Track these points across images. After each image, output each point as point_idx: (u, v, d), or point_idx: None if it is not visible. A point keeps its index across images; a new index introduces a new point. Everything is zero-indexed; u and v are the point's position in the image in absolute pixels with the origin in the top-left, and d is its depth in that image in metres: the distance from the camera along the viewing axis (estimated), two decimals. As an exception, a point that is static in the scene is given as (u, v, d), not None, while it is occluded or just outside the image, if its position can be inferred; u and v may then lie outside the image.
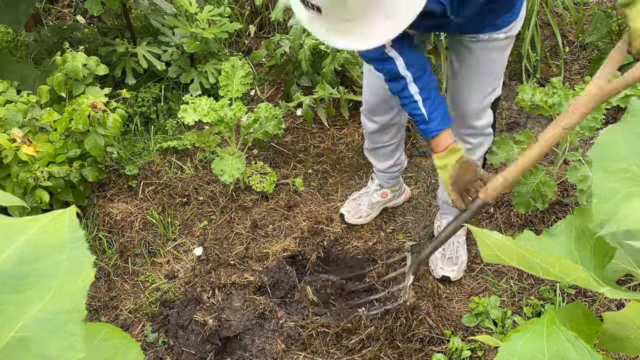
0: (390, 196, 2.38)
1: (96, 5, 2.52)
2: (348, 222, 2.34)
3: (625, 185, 0.72)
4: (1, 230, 0.51)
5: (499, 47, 1.78)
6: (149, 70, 2.91)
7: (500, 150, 2.14)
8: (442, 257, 2.17)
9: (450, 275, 2.13)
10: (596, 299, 2.07)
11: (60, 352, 0.42)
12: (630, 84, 1.27)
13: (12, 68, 2.67)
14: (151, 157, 2.65)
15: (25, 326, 0.44)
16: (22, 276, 0.47)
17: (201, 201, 2.46)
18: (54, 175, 2.16)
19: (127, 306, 2.10)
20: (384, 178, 2.32)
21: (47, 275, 0.47)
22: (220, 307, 1.99)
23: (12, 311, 0.45)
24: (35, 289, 0.46)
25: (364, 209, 2.36)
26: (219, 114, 2.21)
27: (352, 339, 1.92)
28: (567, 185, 2.41)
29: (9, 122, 2.19)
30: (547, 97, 2.00)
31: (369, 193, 2.38)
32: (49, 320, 0.44)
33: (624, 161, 0.74)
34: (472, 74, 1.84)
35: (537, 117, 2.83)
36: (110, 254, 2.27)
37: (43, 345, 0.43)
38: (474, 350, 1.91)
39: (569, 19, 3.45)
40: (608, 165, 0.75)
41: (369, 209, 2.36)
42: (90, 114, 2.17)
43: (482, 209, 1.60)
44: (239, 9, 3.41)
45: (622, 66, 2.98)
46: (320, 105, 2.74)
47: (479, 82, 1.85)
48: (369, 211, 2.37)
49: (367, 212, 2.36)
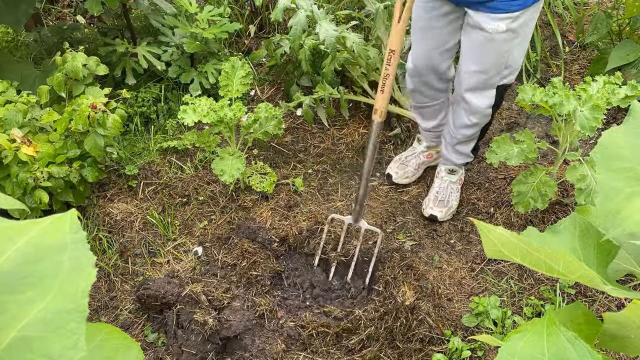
0: (435, 156, 2.50)
1: (96, 5, 2.52)
2: (396, 182, 2.48)
3: (628, 184, 0.72)
4: (2, 232, 0.51)
5: (499, 39, 1.86)
6: (149, 70, 2.91)
7: (500, 150, 2.14)
8: (434, 199, 2.34)
9: (438, 215, 2.29)
10: (596, 299, 2.07)
11: (63, 351, 0.42)
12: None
13: (12, 68, 2.67)
14: (151, 157, 2.65)
15: (27, 326, 0.44)
16: (23, 277, 0.48)
17: (201, 201, 2.46)
18: (54, 176, 2.16)
19: (127, 306, 2.10)
20: (429, 137, 2.46)
21: (48, 276, 0.47)
22: (220, 307, 1.99)
23: (14, 311, 0.45)
24: (36, 289, 0.46)
25: (410, 170, 2.49)
26: (219, 114, 2.21)
27: (352, 339, 1.92)
28: (567, 185, 2.42)
29: (9, 122, 2.19)
30: (548, 97, 2.00)
31: (415, 154, 2.51)
32: (51, 319, 0.44)
33: (627, 160, 0.74)
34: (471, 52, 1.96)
35: (537, 117, 2.84)
36: (110, 254, 2.27)
37: (45, 345, 0.43)
38: (474, 350, 1.91)
39: (569, 19, 3.45)
40: (611, 164, 0.75)
41: (415, 170, 2.50)
42: (90, 114, 2.17)
43: (379, 128, 1.89)
44: (239, 9, 3.41)
45: (622, 66, 2.97)
46: (320, 105, 2.74)
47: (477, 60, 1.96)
48: (415, 172, 2.51)
49: (413, 173, 2.50)
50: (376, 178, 2.58)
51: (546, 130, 2.77)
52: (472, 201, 2.44)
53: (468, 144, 2.28)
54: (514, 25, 1.82)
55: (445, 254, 2.25)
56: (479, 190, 2.49)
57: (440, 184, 2.38)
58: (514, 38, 1.87)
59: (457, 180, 2.40)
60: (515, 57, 1.96)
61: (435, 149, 2.50)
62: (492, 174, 2.56)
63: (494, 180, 2.53)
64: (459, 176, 2.40)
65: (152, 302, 2.01)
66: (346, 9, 3.06)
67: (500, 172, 2.57)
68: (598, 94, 1.97)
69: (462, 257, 2.24)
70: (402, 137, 2.74)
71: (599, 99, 1.94)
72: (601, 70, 2.81)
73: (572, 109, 1.94)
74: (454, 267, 2.19)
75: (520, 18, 1.81)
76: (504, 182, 2.51)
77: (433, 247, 2.27)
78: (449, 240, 2.30)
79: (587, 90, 1.99)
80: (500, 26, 1.82)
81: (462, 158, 2.33)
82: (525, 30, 1.88)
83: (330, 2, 3.25)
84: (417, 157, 2.51)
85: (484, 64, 1.96)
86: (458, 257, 2.23)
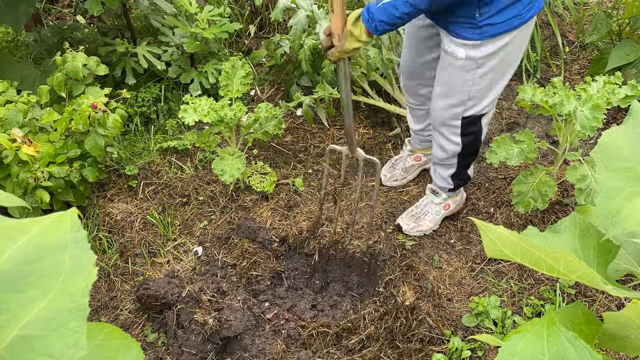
0: (425, 159, 2.52)
1: (96, 5, 2.52)
2: (385, 184, 2.53)
3: (628, 184, 0.72)
4: (2, 231, 0.52)
5: (457, 66, 1.83)
6: (149, 70, 2.91)
7: (500, 150, 2.14)
8: (408, 212, 2.34)
9: (403, 227, 2.30)
10: (596, 299, 2.07)
11: (64, 349, 0.42)
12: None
13: (12, 68, 2.67)
14: (151, 157, 2.65)
15: (28, 324, 0.44)
16: (24, 276, 0.48)
17: (201, 201, 2.46)
18: (54, 176, 2.16)
19: (127, 306, 2.10)
20: (415, 139, 2.47)
21: (49, 275, 0.47)
22: (220, 307, 1.99)
23: (15, 310, 0.45)
24: (37, 288, 0.46)
25: (398, 173, 2.53)
26: (219, 114, 2.21)
27: (352, 339, 1.92)
28: (567, 185, 2.42)
29: (9, 122, 2.19)
30: (548, 97, 2.00)
31: (402, 157, 2.56)
32: (52, 318, 0.44)
33: (627, 160, 0.74)
34: (438, 72, 1.95)
35: (537, 117, 2.84)
36: (110, 254, 2.27)
37: (46, 344, 0.43)
38: (474, 350, 1.91)
39: (569, 19, 3.45)
40: (612, 164, 0.75)
41: (403, 173, 2.53)
42: (90, 114, 2.17)
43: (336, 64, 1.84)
44: (239, 9, 3.41)
45: (622, 66, 2.97)
46: (320, 105, 2.74)
47: (440, 82, 1.95)
48: (404, 174, 2.54)
49: (402, 176, 2.53)
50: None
51: (546, 130, 2.78)
52: (472, 201, 2.44)
53: (445, 169, 2.17)
54: (473, 54, 1.76)
55: (445, 253, 2.25)
56: (479, 190, 2.49)
57: (422, 200, 2.34)
58: (476, 68, 1.80)
59: (439, 202, 2.29)
60: (482, 89, 1.86)
61: (423, 151, 2.49)
62: (492, 174, 2.56)
63: (494, 180, 2.54)
64: (441, 199, 2.28)
65: (152, 302, 2.01)
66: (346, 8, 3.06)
67: (500, 172, 2.57)
68: (598, 94, 1.97)
69: (462, 257, 2.24)
70: (402, 137, 2.74)
71: (599, 99, 1.94)
72: (601, 70, 2.81)
73: (572, 109, 1.94)
74: (454, 267, 2.19)
75: (482, 48, 1.75)
76: (504, 182, 2.51)
77: (433, 247, 2.27)
78: (449, 240, 2.30)
79: (587, 90, 1.99)
80: (459, 51, 1.78)
81: (442, 181, 2.23)
82: (491, 63, 1.79)
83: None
84: (404, 160, 2.54)
85: (445, 87, 1.92)
86: (458, 257, 2.23)
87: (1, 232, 0.51)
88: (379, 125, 2.86)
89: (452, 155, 2.09)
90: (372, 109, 2.87)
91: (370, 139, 2.79)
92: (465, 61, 1.80)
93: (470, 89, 1.86)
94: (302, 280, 2.19)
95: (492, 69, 1.82)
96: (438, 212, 2.30)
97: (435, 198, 2.29)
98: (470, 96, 1.89)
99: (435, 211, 2.30)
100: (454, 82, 1.87)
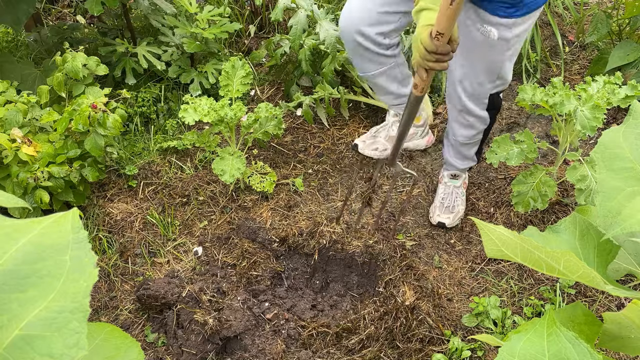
0: (412, 131, 2.32)
1: (96, 5, 2.52)
2: (362, 152, 2.28)
3: (628, 184, 0.73)
4: (4, 231, 0.52)
5: (489, 46, 1.82)
6: (149, 70, 2.91)
7: (500, 150, 2.14)
8: (440, 206, 2.30)
9: (446, 222, 2.26)
10: (596, 299, 2.07)
11: (64, 350, 0.42)
12: None
13: (12, 68, 2.67)
14: (151, 157, 2.65)
15: (29, 325, 0.44)
16: (25, 276, 0.48)
17: (201, 201, 2.46)
18: (54, 176, 2.16)
19: (127, 306, 2.10)
20: (398, 110, 2.33)
21: (50, 275, 0.47)
22: (220, 307, 1.99)
23: (16, 310, 0.45)
24: (38, 288, 0.46)
25: (381, 141, 2.32)
26: (219, 114, 2.21)
27: (352, 339, 1.92)
28: (567, 185, 2.42)
29: (9, 122, 2.19)
30: (548, 97, 2.00)
31: (387, 125, 2.35)
32: (53, 318, 0.44)
33: (627, 160, 0.75)
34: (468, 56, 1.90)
35: (537, 117, 2.84)
36: (110, 254, 2.27)
37: (47, 344, 0.43)
38: (474, 350, 1.91)
39: (569, 19, 3.45)
40: (612, 164, 0.75)
41: (386, 142, 2.32)
42: (90, 114, 2.17)
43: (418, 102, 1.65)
44: (239, 9, 3.41)
45: (622, 66, 2.97)
46: (320, 105, 2.74)
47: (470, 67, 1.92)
48: (386, 144, 2.32)
49: (383, 146, 2.31)
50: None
51: (546, 130, 2.78)
52: (472, 201, 2.44)
53: (471, 147, 2.25)
54: (506, 34, 1.78)
55: (445, 254, 2.25)
56: (479, 190, 2.49)
57: (445, 190, 2.35)
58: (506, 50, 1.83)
59: (460, 184, 2.37)
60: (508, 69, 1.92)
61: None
62: (492, 174, 2.56)
63: (494, 180, 2.54)
64: (462, 180, 2.38)
65: (152, 302, 2.01)
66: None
67: (500, 172, 2.57)
68: (598, 94, 1.97)
69: (462, 257, 2.24)
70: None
71: (599, 99, 1.94)
72: (601, 70, 2.81)
73: (573, 109, 1.94)
74: (454, 267, 2.20)
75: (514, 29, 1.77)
76: (504, 182, 2.51)
77: (433, 247, 2.27)
78: (449, 240, 2.30)
79: (587, 90, 1.99)
80: (492, 32, 1.78)
81: (465, 162, 2.31)
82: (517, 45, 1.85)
83: (330, 2, 3.26)
84: (389, 128, 2.36)
85: (475, 67, 1.92)
86: (458, 257, 2.23)
87: (2, 232, 0.51)
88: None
89: (480, 131, 2.14)
90: (372, 108, 2.87)
91: (370, 139, 2.79)
92: (498, 41, 1.80)
93: (500, 70, 1.91)
94: (302, 280, 2.19)
95: (517, 49, 1.88)
96: (462, 192, 2.36)
97: (457, 181, 2.33)
98: (500, 75, 1.94)
99: (461, 193, 2.36)
100: (486, 62, 1.88)
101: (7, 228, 0.52)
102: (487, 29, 1.78)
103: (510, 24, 1.76)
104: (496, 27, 1.77)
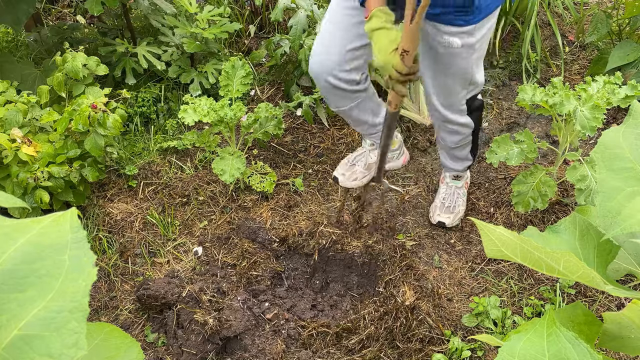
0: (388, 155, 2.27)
1: (96, 5, 2.52)
2: (343, 185, 2.26)
3: (628, 184, 0.72)
4: (2, 231, 0.51)
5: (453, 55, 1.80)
6: (149, 70, 2.91)
7: (500, 150, 2.14)
8: (441, 206, 2.30)
9: (446, 222, 2.25)
10: (596, 299, 2.07)
11: (63, 349, 0.42)
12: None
13: (12, 68, 2.67)
14: (151, 157, 2.65)
15: (28, 324, 0.44)
16: (24, 275, 0.48)
17: (201, 201, 2.46)
18: (54, 176, 2.16)
19: (127, 306, 2.10)
20: (374, 139, 2.30)
21: (49, 275, 0.47)
22: (220, 307, 1.99)
23: (15, 309, 0.45)
24: (37, 288, 0.46)
25: (359, 170, 2.28)
26: (219, 114, 2.21)
27: (352, 339, 1.92)
28: (567, 185, 2.42)
29: (9, 122, 2.19)
30: (548, 97, 2.00)
31: (364, 153, 2.32)
32: (52, 318, 0.44)
33: (627, 160, 0.74)
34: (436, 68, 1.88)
35: (537, 117, 2.84)
36: (110, 254, 2.27)
37: (46, 343, 0.43)
38: (474, 350, 1.91)
39: (569, 19, 3.45)
40: (611, 164, 0.75)
41: (364, 170, 2.29)
42: (90, 114, 2.17)
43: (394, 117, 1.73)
44: (239, 9, 3.41)
45: (622, 66, 2.97)
46: (320, 105, 2.74)
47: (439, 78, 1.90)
48: (365, 172, 2.28)
49: (362, 174, 2.27)
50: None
51: (546, 130, 2.77)
52: (472, 201, 2.44)
53: (463, 149, 2.22)
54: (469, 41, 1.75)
55: (445, 254, 2.25)
56: (479, 190, 2.49)
57: (446, 190, 2.35)
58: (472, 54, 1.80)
59: (462, 185, 2.37)
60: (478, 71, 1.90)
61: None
62: (492, 174, 2.56)
63: (494, 180, 2.54)
64: (464, 180, 2.37)
65: (152, 302, 2.01)
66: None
67: (500, 172, 2.57)
68: (598, 94, 1.97)
69: (462, 257, 2.24)
70: (402, 138, 2.74)
71: (599, 99, 1.94)
72: (601, 70, 2.81)
73: (573, 109, 1.94)
74: (454, 267, 2.20)
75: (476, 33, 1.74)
76: (504, 182, 2.51)
77: (433, 247, 2.27)
78: (449, 240, 2.30)
79: (587, 90, 1.99)
80: (454, 41, 1.74)
81: (462, 163, 2.29)
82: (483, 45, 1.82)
83: (330, 2, 3.25)
84: (367, 156, 2.33)
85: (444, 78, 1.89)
86: (458, 257, 2.23)
87: (1, 232, 0.51)
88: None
89: (467, 134, 2.13)
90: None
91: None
92: (463, 49, 1.77)
93: (470, 75, 1.88)
94: (302, 281, 2.19)
95: (484, 49, 1.87)
96: (464, 193, 2.37)
97: (459, 182, 2.34)
98: (471, 81, 1.92)
99: (463, 193, 2.36)
100: (454, 71, 1.86)
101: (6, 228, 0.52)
102: (449, 40, 1.74)
103: (470, 30, 1.72)
104: (458, 37, 1.74)
